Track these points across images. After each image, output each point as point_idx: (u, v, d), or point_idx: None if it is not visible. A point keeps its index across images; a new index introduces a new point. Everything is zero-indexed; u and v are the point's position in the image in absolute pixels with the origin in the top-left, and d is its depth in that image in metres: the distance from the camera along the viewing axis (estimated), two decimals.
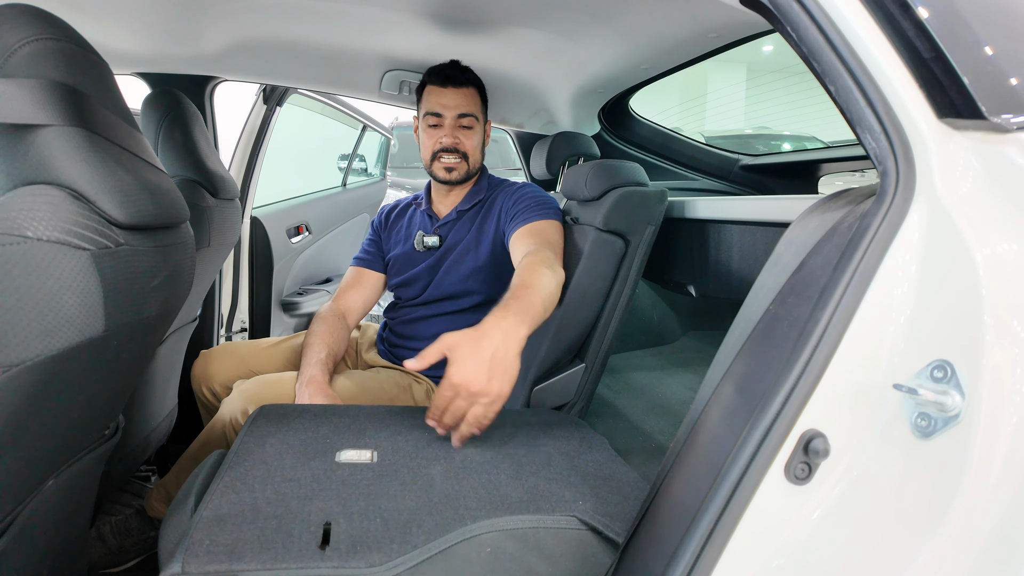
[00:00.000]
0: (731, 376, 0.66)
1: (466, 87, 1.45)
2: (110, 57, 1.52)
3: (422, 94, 1.48)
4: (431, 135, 1.45)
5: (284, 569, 0.65)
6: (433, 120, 1.44)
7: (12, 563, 0.70)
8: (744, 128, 7.15)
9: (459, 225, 1.50)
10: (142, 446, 1.42)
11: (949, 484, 0.51)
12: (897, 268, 0.59)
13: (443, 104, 1.43)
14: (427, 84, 1.46)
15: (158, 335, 0.91)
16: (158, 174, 0.81)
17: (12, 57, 0.64)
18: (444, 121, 1.44)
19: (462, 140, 1.45)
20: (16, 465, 0.64)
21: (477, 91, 1.47)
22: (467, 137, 1.46)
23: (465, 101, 1.44)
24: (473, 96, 1.46)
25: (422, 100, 1.47)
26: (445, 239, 1.50)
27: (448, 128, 1.44)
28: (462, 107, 1.43)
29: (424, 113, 1.46)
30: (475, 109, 1.46)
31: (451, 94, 1.43)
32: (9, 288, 0.56)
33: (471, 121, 1.46)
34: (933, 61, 0.60)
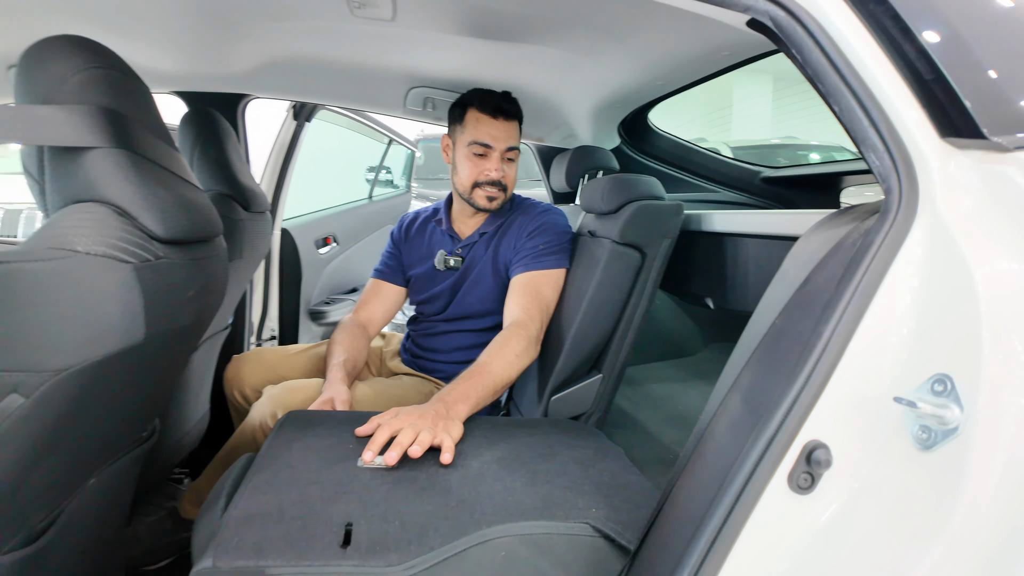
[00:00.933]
0: (737, 388, 0.67)
1: (514, 120, 1.46)
2: (150, 77, 1.59)
3: (464, 117, 1.46)
4: (476, 164, 1.45)
5: (308, 566, 0.68)
6: (480, 150, 1.44)
7: (57, 554, 0.75)
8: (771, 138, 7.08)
9: (479, 246, 1.53)
10: (176, 449, 1.48)
11: (948, 495, 0.52)
12: (899, 283, 0.60)
13: (494, 136, 1.43)
14: (472, 109, 1.45)
15: (193, 342, 0.96)
16: (194, 191, 0.86)
17: (64, 85, 0.70)
18: (493, 153, 1.44)
19: (507, 173, 1.47)
20: (62, 463, 0.69)
21: (519, 123, 1.49)
22: (510, 169, 1.48)
23: (513, 134, 1.46)
24: (518, 129, 1.48)
25: (465, 124, 1.46)
26: (466, 260, 1.53)
27: (496, 160, 1.44)
28: (511, 140, 1.45)
29: (470, 141, 1.44)
30: (519, 142, 1.49)
31: (502, 127, 1.44)
32: (59, 299, 0.61)
33: (515, 154, 1.48)
34: (934, 83, 0.61)
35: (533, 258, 1.42)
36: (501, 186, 1.46)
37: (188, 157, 1.44)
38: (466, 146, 1.46)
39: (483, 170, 1.45)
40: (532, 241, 1.44)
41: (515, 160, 1.49)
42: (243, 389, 1.54)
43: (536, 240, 1.44)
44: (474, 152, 1.45)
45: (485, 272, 1.50)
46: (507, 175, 1.47)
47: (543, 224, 1.46)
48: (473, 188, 1.47)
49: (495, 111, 1.43)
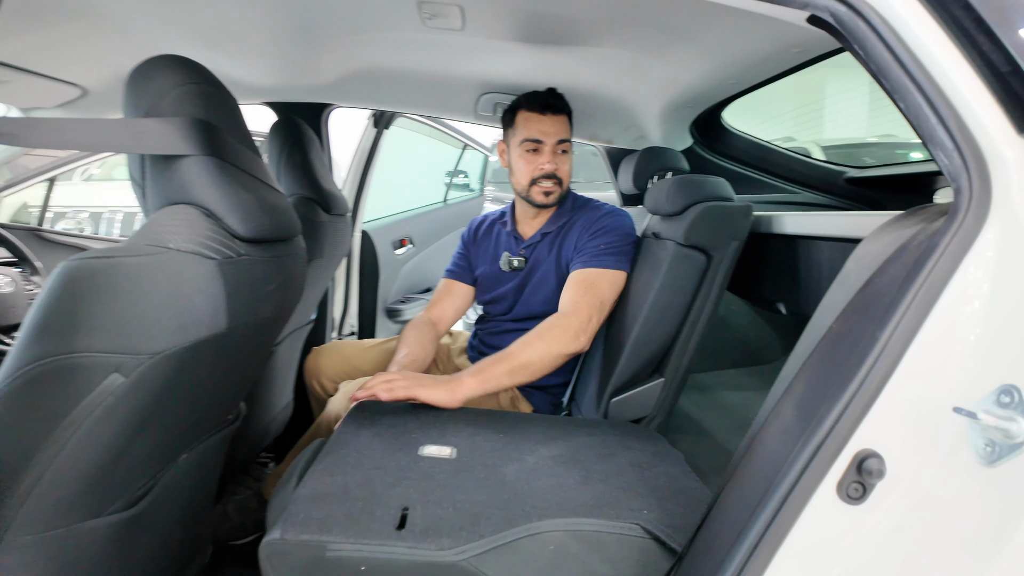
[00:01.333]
0: (790, 393, 0.66)
1: (562, 114, 1.50)
2: (243, 89, 1.74)
3: (514, 120, 1.51)
4: (530, 160, 1.49)
5: (365, 544, 0.73)
6: (532, 146, 1.48)
7: (152, 519, 0.84)
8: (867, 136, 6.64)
9: (541, 246, 1.56)
10: (262, 434, 1.60)
11: (1013, 511, 0.49)
12: (966, 287, 0.57)
13: (543, 131, 1.47)
14: (521, 110, 1.50)
15: (273, 334, 1.04)
16: (275, 194, 0.94)
17: (164, 100, 0.78)
18: (544, 147, 1.48)
19: (560, 166, 1.50)
20: (156, 438, 0.77)
21: (568, 118, 1.52)
22: (563, 163, 1.51)
23: (563, 128, 1.49)
24: (567, 123, 1.51)
25: (516, 126, 1.51)
26: (529, 260, 1.56)
27: (548, 154, 1.48)
28: (561, 133, 1.48)
29: (522, 139, 1.49)
30: (569, 134, 1.52)
31: (550, 121, 1.47)
32: (154, 290, 0.69)
33: (567, 146, 1.51)
34: (1011, 75, 0.58)
35: (592, 256, 1.42)
36: (556, 179, 1.49)
37: (275, 163, 1.56)
38: (519, 145, 1.50)
39: (537, 165, 1.48)
40: (594, 240, 1.45)
41: (568, 153, 1.52)
42: (321, 379, 1.64)
43: (598, 240, 1.44)
44: (527, 149, 1.49)
45: (549, 273, 1.52)
46: (560, 168, 1.50)
47: (606, 225, 1.47)
48: (530, 186, 1.50)
49: (543, 107, 1.47)
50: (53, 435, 0.64)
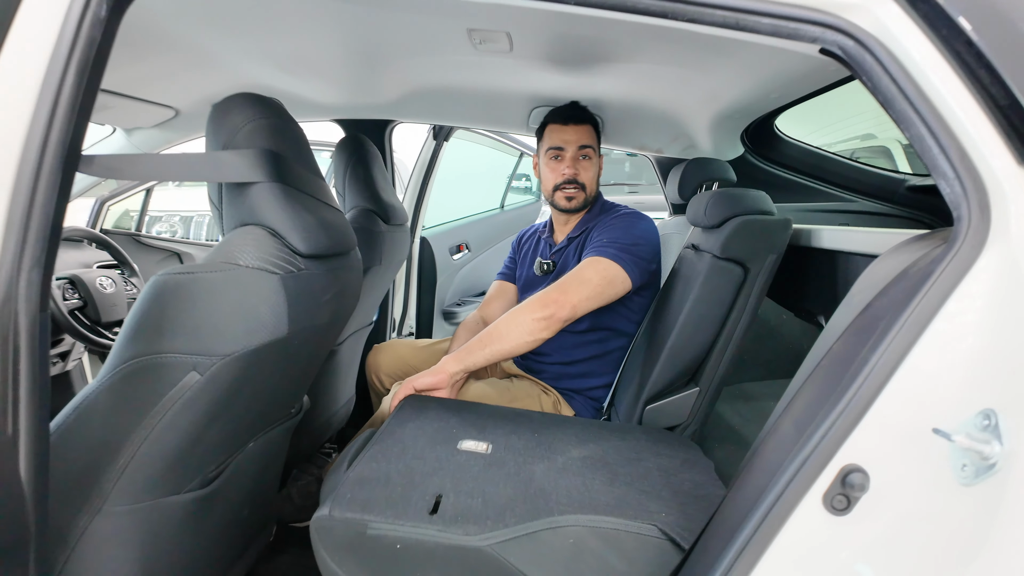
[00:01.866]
0: (790, 408, 0.70)
1: (584, 124, 1.59)
2: (314, 108, 1.89)
3: (543, 134, 1.63)
4: (554, 168, 1.60)
5: (400, 525, 0.82)
6: (556, 153, 1.59)
7: (223, 498, 0.96)
8: None
9: (568, 250, 1.64)
10: (325, 426, 1.73)
11: (981, 531, 0.52)
12: (958, 314, 0.59)
13: (565, 139, 1.57)
14: (548, 124, 1.62)
15: (331, 337, 1.15)
16: (333, 212, 1.04)
17: (238, 134, 0.90)
18: (566, 154, 1.58)
19: (580, 171, 1.59)
20: (227, 428, 0.89)
21: (593, 127, 1.61)
22: (585, 169, 1.60)
23: (584, 136, 1.58)
24: (590, 132, 1.60)
25: (544, 139, 1.63)
26: (557, 264, 1.66)
27: (569, 160, 1.58)
28: (582, 140, 1.58)
29: (547, 148, 1.60)
30: (592, 142, 1.60)
31: (572, 130, 1.57)
32: (226, 300, 0.80)
33: (589, 152, 1.60)
34: (1009, 108, 0.60)
35: (592, 248, 1.47)
36: (578, 184, 1.58)
37: (341, 176, 1.69)
38: (545, 154, 1.61)
39: (558, 171, 1.58)
40: (600, 236, 1.51)
41: (591, 159, 1.60)
42: (379, 375, 1.79)
43: (603, 235, 1.50)
44: (551, 157, 1.60)
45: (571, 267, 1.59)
46: (581, 172, 1.59)
47: (616, 224, 1.53)
48: (554, 192, 1.61)
49: (565, 118, 1.58)
50: (143, 422, 0.77)
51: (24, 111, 0.63)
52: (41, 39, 0.64)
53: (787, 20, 0.69)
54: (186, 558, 0.91)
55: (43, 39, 0.64)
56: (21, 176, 0.62)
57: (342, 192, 1.68)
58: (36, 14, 0.64)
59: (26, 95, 0.63)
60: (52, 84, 0.64)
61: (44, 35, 0.64)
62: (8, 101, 0.62)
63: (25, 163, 0.62)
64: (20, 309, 0.61)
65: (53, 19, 0.65)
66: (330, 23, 1.23)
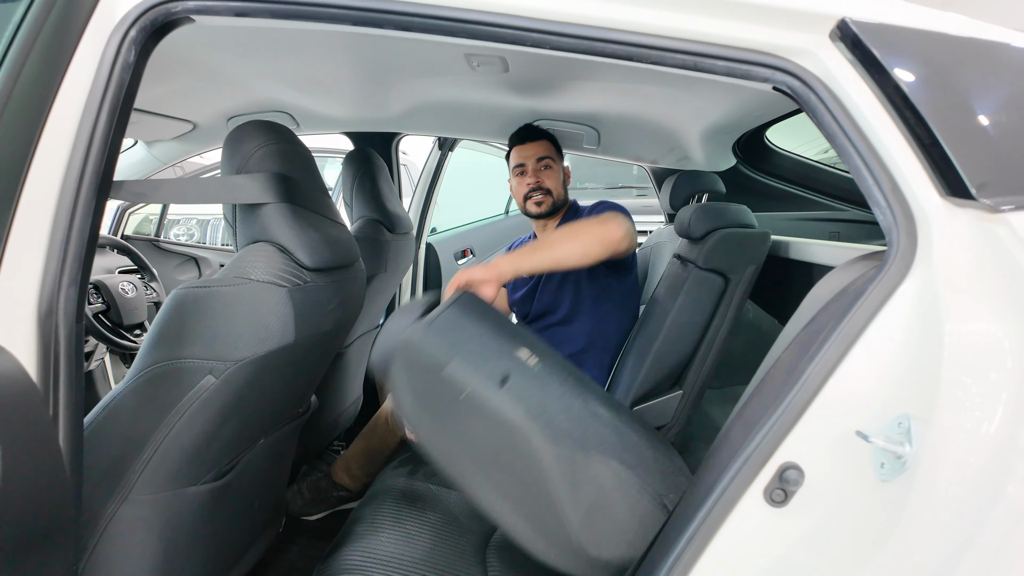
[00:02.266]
0: (742, 412, 0.77)
1: (540, 140, 1.77)
2: (325, 122, 1.99)
3: (509, 157, 1.81)
4: (520, 182, 1.77)
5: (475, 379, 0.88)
6: (520, 170, 1.77)
7: (237, 489, 1.05)
8: None
9: None
10: (333, 425, 1.83)
11: (892, 521, 0.59)
12: (883, 330, 0.67)
13: (525, 155, 1.76)
14: (511, 148, 1.80)
15: (336, 343, 1.24)
16: (338, 228, 1.13)
17: (250, 159, 0.99)
18: (528, 168, 1.76)
19: (543, 179, 1.75)
20: (237, 427, 0.97)
21: (549, 141, 1.78)
22: (548, 176, 1.75)
23: (541, 149, 1.76)
24: (547, 145, 1.77)
25: (510, 161, 1.81)
26: None
27: (531, 172, 1.75)
28: (539, 153, 1.75)
29: (513, 167, 1.79)
30: (551, 153, 1.77)
31: (529, 146, 1.76)
32: (239, 311, 0.89)
33: (549, 162, 1.76)
34: (931, 146, 0.67)
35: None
36: (543, 190, 1.73)
37: (349, 188, 1.78)
38: (512, 173, 1.80)
39: (524, 183, 1.75)
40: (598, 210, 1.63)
41: (552, 168, 1.77)
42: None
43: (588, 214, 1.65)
44: (517, 174, 1.78)
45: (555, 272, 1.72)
46: (544, 180, 1.74)
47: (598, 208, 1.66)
48: (525, 202, 1.76)
49: (522, 138, 1.78)
50: (164, 420, 0.86)
51: (63, 147, 0.72)
52: (79, 84, 0.73)
53: (740, 63, 0.76)
54: (203, 543, 1.00)
55: (80, 84, 0.73)
56: (61, 205, 0.71)
57: (350, 203, 1.77)
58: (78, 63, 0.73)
59: (65, 134, 0.72)
60: (88, 123, 0.73)
61: (81, 80, 0.73)
62: (50, 140, 0.71)
63: (65, 193, 0.71)
64: (60, 321, 0.70)
65: (89, 66, 0.74)
66: (337, 47, 1.32)
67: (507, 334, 1.07)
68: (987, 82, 0.70)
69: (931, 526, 0.57)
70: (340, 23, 0.79)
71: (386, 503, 1.20)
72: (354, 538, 1.09)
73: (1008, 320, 0.59)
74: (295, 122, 1.91)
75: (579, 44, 0.78)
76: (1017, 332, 0.58)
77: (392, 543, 1.08)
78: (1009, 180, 0.64)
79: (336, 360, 1.68)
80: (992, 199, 0.63)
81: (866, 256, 0.80)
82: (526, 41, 0.78)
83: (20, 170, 0.67)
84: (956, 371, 0.59)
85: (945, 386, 0.59)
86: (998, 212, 0.62)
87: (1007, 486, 0.54)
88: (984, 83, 0.70)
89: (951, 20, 0.73)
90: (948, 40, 0.71)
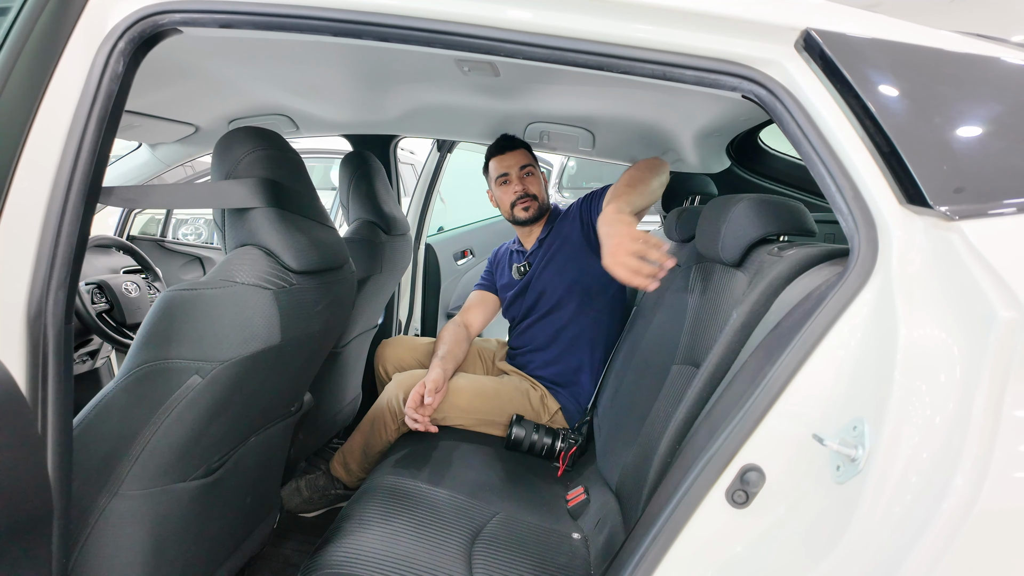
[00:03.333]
0: (708, 415, 0.79)
1: (519, 148, 1.85)
2: (324, 124, 2.02)
3: (488, 167, 1.89)
4: (506, 190, 1.85)
5: None
6: (504, 179, 1.84)
7: (227, 486, 1.08)
8: None
9: (539, 252, 1.85)
10: (330, 423, 1.86)
11: (842, 522, 0.61)
12: (842, 336, 0.68)
13: (506, 164, 1.84)
14: (490, 159, 1.87)
15: (326, 343, 1.26)
16: (326, 231, 1.15)
17: (239, 164, 1.01)
18: (512, 176, 1.84)
19: (528, 186, 1.84)
20: (226, 425, 1.00)
21: (526, 150, 1.86)
22: (532, 183, 1.85)
23: (521, 158, 1.85)
24: (525, 153, 1.85)
25: (490, 171, 1.88)
26: (533, 264, 1.86)
27: (516, 180, 1.83)
28: (521, 161, 1.84)
29: (495, 178, 1.86)
30: (530, 160, 1.86)
31: (509, 156, 1.84)
32: (225, 313, 0.92)
33: (531, 169, 1.85)
34: (890, 155, 0.68)
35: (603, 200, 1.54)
36: (530, 196, 1.81)
37: (345, 191, 1.80)
38: (495, 183, 1.88)
39: (510, 191, 1.81)
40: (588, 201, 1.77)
41: (534, 174, 1.86)
42: (385, 365, 1.96)
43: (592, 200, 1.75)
44: (500, 184, 1.86)
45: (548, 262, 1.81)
46: (529, 186, 1.82)
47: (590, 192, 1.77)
48: (512, 208, 1.83)
49: (500, 149, 1.85)
50: (153, 418, 0.89)
51: (52, 156, 0.75)
52: (68, 94, 0.76)
53: (709, 72, 0.78)
54: (194, 538, 1.03)
55: (69, 94, 0.76)
56: (50, 211, 0.74)
57: (346, 205, 1.80)
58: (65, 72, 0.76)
59: (55, 142, 0.75)
60: (77, 132, 0.76)
61: (71, 91, 0.76)
62: (39, 148, 0.74)
63: (54, 200, 0.74)
64: (48, 323, 0.73)
65: (78, 76, 0.77)
66: (333, 54, 1.35)
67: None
68: (947, 91, 0.71)
69: (881, 524, 0.58)
70: (321, 34, 0.82)
71: (375, 501, 1.23)
72: (341, 535, 1.11)
73: (956, 324, 0.60)
74: (295, 125, 1.94)
75: (552, 55, 0.80)
76: (965, 336, 0.59)
77: (378, 540, 1.10)
78: (965, 188, 0.65)
79: (333, 359, 1.71)
80: (947, 207, 0.64)
81: (832, 262, 0.82)
82: (500, 51, 0.80)
83: (5, 176, 0.70)
84: (909, 375, 0.60)
85: (898, 389, 0.60)
86: (953, 220, 0.63)
87: (955, 478, 0.55)
88: (944, 92, 0.71)
89: (913, 31, 0.74)
90: (909, 50, 0.72)
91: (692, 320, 1.16)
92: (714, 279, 1.12)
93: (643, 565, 0.71)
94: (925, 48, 0.73)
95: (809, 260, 0.89)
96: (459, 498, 1.29)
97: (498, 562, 1.11)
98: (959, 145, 0.67)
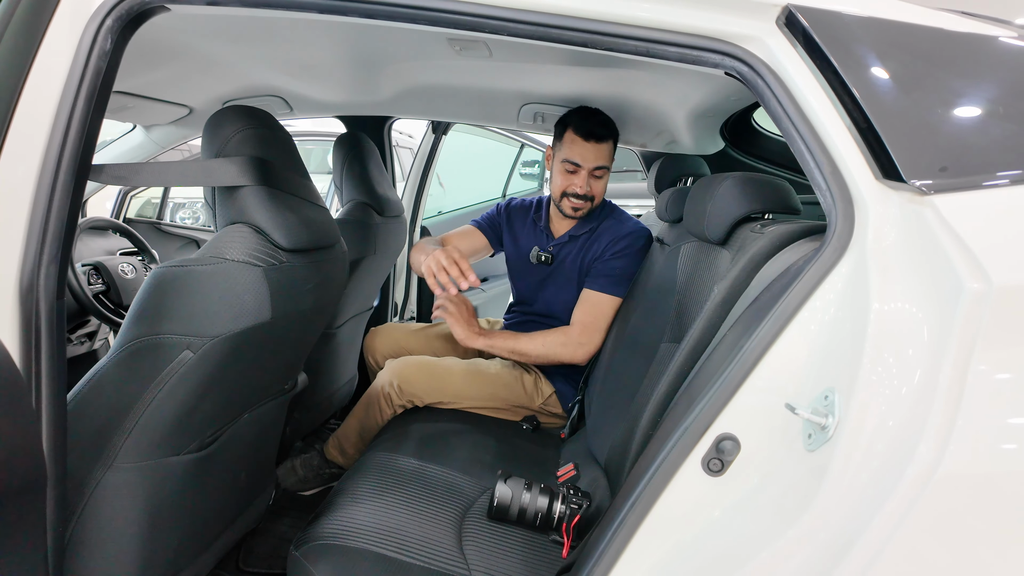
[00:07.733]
0: (688, 388, 0.80)
1: (606, 141, 1.60)
2: (317, 106, 2.01)
3: (563, 136, 1.63)
4: (566, 178, 1.63)
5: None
6: (571, 168, 1.62)
7: (220, 461, 1.10)
8: None
9: (568, 247, 1.74)
10: (326, 403, 1.88)
11: (812, 488, 0.62)
12: (817, 309, 0.70)
13: (583, 156, 1.60)
14: (568, 130, 1.61)
15: (318, 322, 1.27)
16: (317, 210, 1.16)
17: (229, 143, 1.02)
18: (581, 171, 1.61)
19: (593, 189, 1.63)
20: (218, 400, 1.02)
21: (613, 142, 1.63)
22: (597, 185, 1.65)
23: (603, 155, 1.61)
24: (609, 149, 1.62)
25: (563, 143, 1.63)
26: (556, 258, 1.75)
27: (583, 178, 1.61)
28: (600, 160, 1.61)
29: (564, 158, 1.62)
30: (609, 160, 1.63)
31: (592, 148, 1.59)
32: (215, 290, 0.93)
33: (603, 172, 1.64)
34: (867, 131, 0.69)
35: (608, 281, 1.59)
36: (587, 199, 1.64)
37: (339, 172, 1.81)
38: (560, 162, 1.65)
39: (571, 184, 1.64)
40: (615, 262, 1.61)
41: (603, 178, 1.65)
42: (375, 356, 1.94)
43: (618, 263, 1.61)
44: (566, 168, 1.64)
45: (571, 276, 1.71)
46: (593, 189, 1.64)
47: (629, 247, 1.63)
48: (562, 197, 1.67)
49: (587, 134, 1.59)
50: (145, 392, 0.91)
51: (41, 132, 0.76)
52: (56, 71, 0.77)
53: (691, 49, 0.78)
54: (188, 511, 1.05)
55: (57, 71, 0.77)
56: (40, 187, 0.75)
57: (340, 186, 1.80)
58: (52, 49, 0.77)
59: (43, 119, 0.76)
60: (65, 109, 0.77)
61: (58, 68, 0.77)
62: (28, 124, 0.75)
63: (44, 176, 0.75)
64: (41, 297, 0.74)
65: (65, 54, 0.78)
66: (324, 33, 1.35)
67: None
68: (925, 68, 0.72)
69: (849, 489, 0.60)
70: (307, 11, 0.82)
71: (367, 476, 1.25)
72: (333, 508, 1.14)
73: (926, 296, 0.62)
74: (288, 106, 1.94)
75: (536, 31, 0.80)
76: (934, 308, 0.61)
77: (370, 513, 1.13)
78: (939, 163, 0.66)
79: (328, 340, 1.72)
80: (922, 181, 0.65)
81: (812, 238, 0.83)
82: (484, 28, 0.81)
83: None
84: (878, 348, 0.61)
85: (867, 361, 0.62)
86: (927, 195, 0.64)
87: (919, 445, 0.57)
88: (922, 69, 0.71)
89: (898, 8, 0.75)
90: (889, 26, 0.73)
91: (679, 298, 1.18)
92: (700, 257, 1.14)
93: (622, 531, 0.73)
94: (908, 25, 0.74)
95: (789, 236, 0.90)
96: (451, 474, 1.31)
97: (488, 535, 1.13)
98: (936, 121, 0.68)
